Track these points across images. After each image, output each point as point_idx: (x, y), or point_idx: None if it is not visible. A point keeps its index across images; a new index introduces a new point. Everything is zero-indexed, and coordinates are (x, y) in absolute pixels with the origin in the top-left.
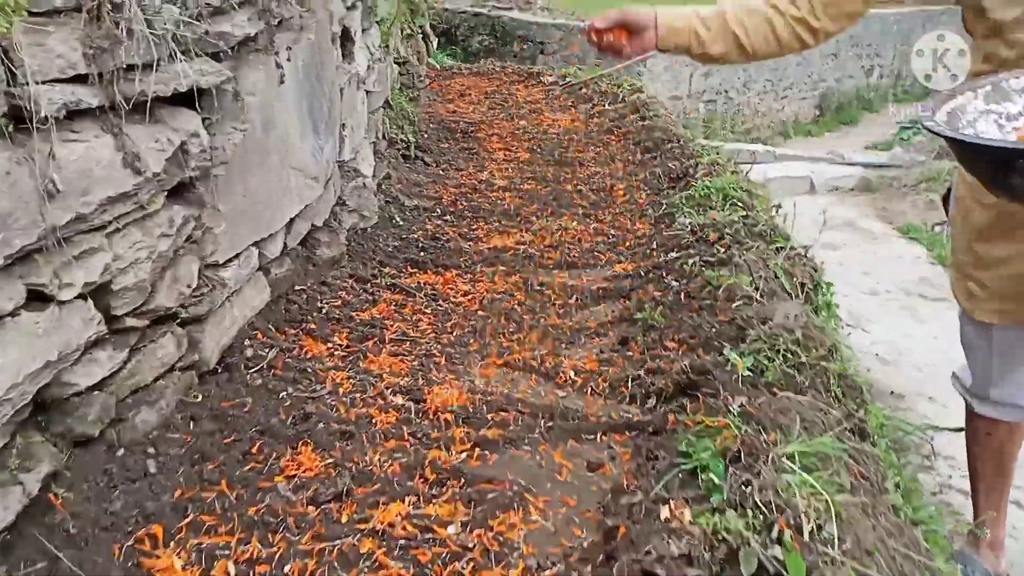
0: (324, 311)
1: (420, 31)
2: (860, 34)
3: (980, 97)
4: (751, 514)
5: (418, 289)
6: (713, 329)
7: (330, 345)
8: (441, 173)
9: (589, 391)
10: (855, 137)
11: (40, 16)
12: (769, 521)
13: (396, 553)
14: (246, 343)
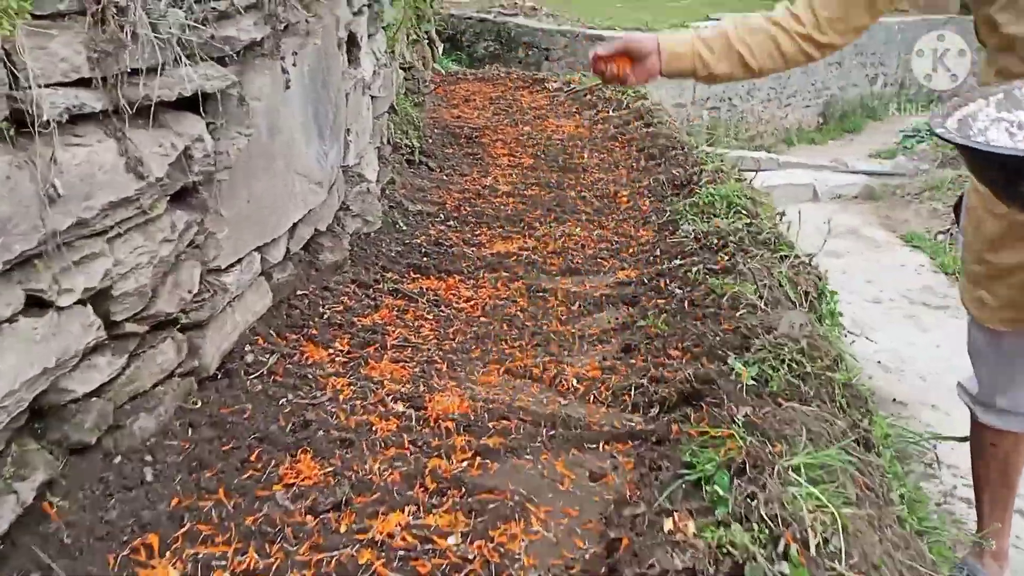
0: (326, 316)
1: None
2: (864, 43)
3: (992, 104)
4: (757, 528)
5: (420, 295)
6: (717, 338)
7: (331, 351)
8: (445, 178)
9: (592, 399)
10: (859, 145)
11: (43, 19)
12: (775, 535)
13: (395, 564)
14: (247, 348)
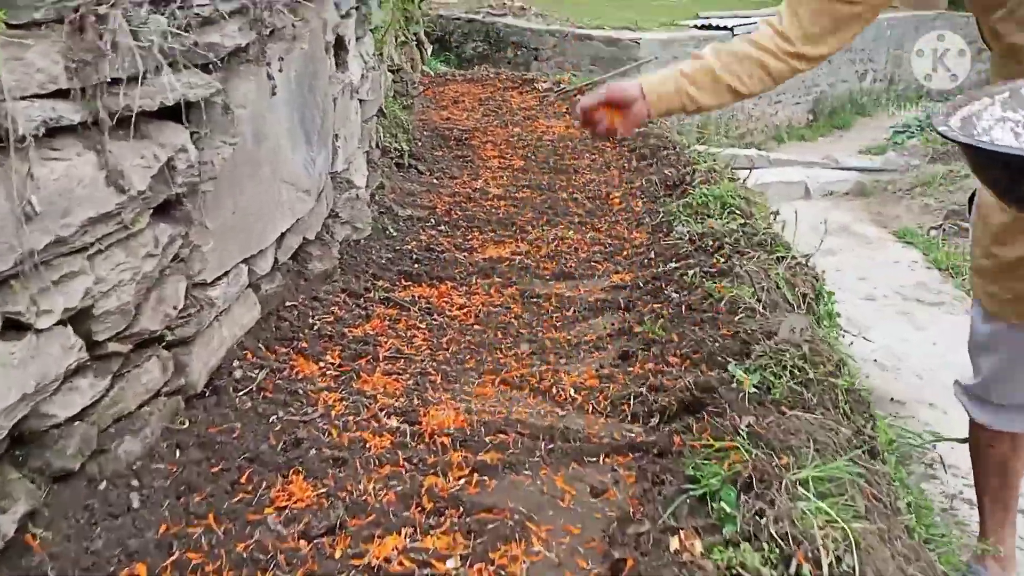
0: (316, 328)
1: (415, 38)
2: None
3: (997, 103)
4: (767, 547)
5: (412, 303)
6: (716, 343)
7: (322, 364)
8: (435, 182)
9: (590, 409)
10: (848, 141)
11: (19, 28)
12: (786, 554)
13: None
14: (235, 364)
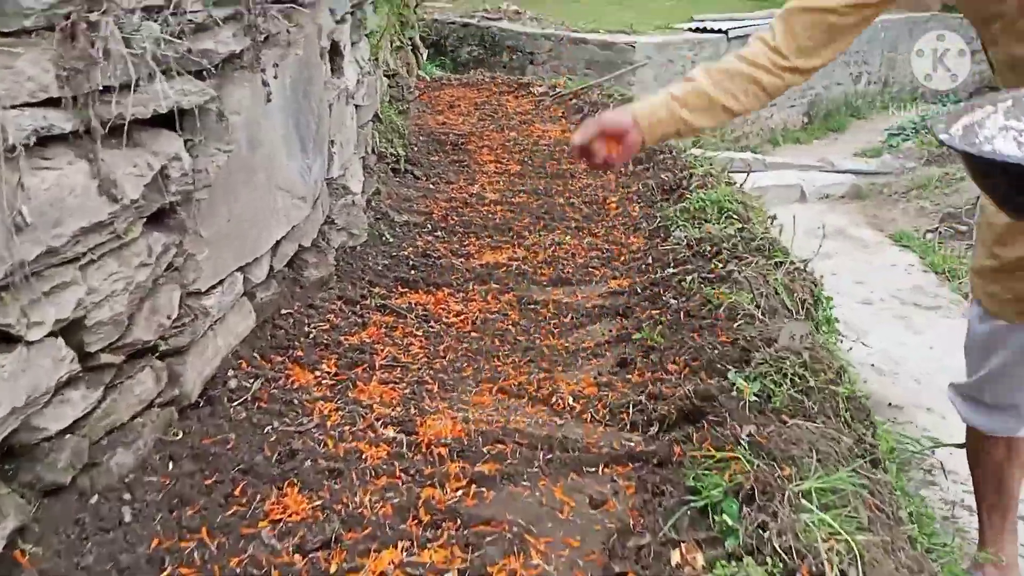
0: (312, 336)
1: (410, 43)
2: None
3: (1000, 112)
4: (770, 561)
5: (409, 310)
6: (716, 351)
7: (318, 373)
8: (431, 187)
9: (588, 418)
10: (843, 144)
11: (9, 36)
12: (790, 568)
13: None
14: (230, 373)
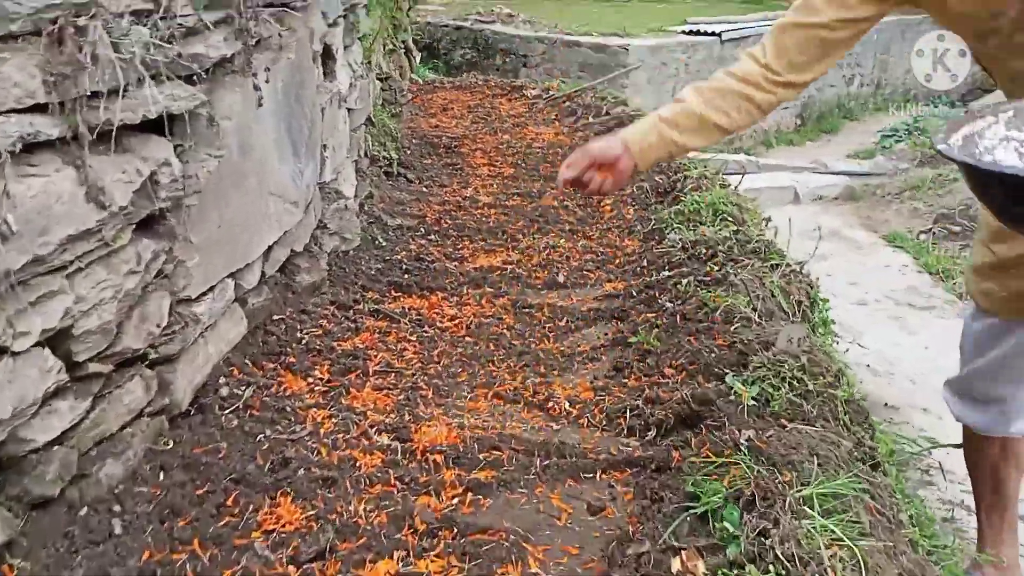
0: (304, 342)
1: (403, 46)
2: None
3: (1001, 122)
4: (772, 569)
5: (403, 315)
6: (712, 354)
7: (310, 380)
8: (424, 190)
9: (585, 423)
10: (836, 146)
11: None
12: None
13: None
14: (221, 381)
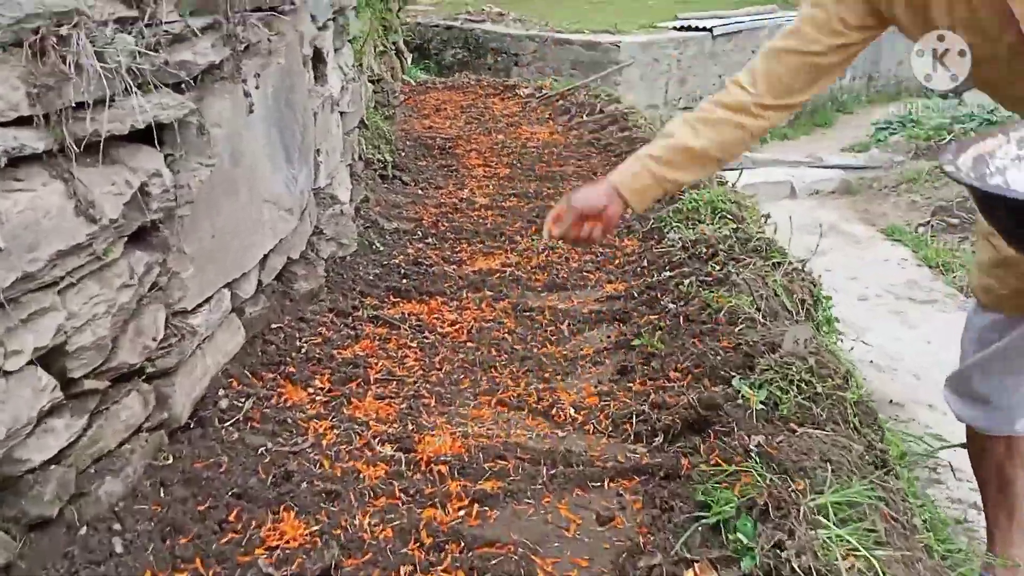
0: (303, 351)
1: (394, 47)
2: None
3: (1012, 142)
4: None
5: (402, 320)
6: (718, 357)
7: (311, 390)
8: (420, 192)
9: (591, 429)
10: (830, 140)
11: None
12: None
13: None
14: (220, 393)
